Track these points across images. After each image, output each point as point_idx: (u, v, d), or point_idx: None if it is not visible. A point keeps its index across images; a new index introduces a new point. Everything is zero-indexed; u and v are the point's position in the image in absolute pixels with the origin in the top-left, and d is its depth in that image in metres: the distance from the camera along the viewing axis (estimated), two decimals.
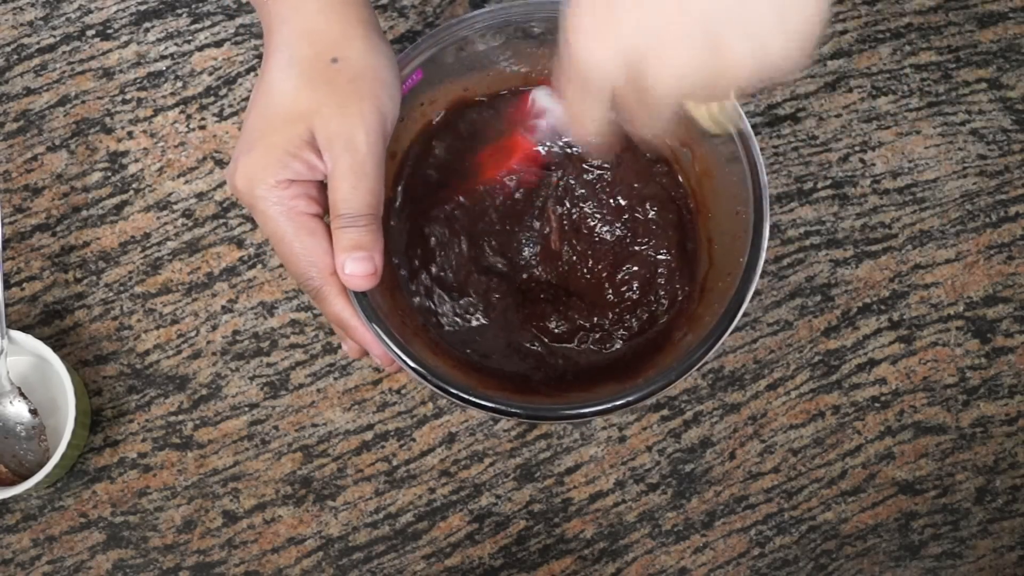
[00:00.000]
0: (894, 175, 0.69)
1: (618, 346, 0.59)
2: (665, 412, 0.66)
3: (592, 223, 0.61)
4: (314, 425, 0.66)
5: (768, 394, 0.67)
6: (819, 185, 0.69)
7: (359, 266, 0.49)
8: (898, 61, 0.71)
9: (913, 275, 0.68)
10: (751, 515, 0.66)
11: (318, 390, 0.66)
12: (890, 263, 0.68)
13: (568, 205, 0.61)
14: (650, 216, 0.60)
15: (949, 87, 0.70)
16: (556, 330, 0.59)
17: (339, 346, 0.66)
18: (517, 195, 0.61)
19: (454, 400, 0.51)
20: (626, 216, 0.60)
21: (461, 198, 0.60)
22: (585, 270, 0.61)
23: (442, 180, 0.61)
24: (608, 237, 0.61)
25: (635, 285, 0.60)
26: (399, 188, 0.60)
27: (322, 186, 0.50)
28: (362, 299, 0.51)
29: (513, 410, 0.51)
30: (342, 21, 0.50)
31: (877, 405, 0.67)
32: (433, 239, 0.60)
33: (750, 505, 0.66)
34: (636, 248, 0.60)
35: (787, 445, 0.66)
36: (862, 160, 0.69)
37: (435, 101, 0.60)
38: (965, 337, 0.68)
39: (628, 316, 0.59)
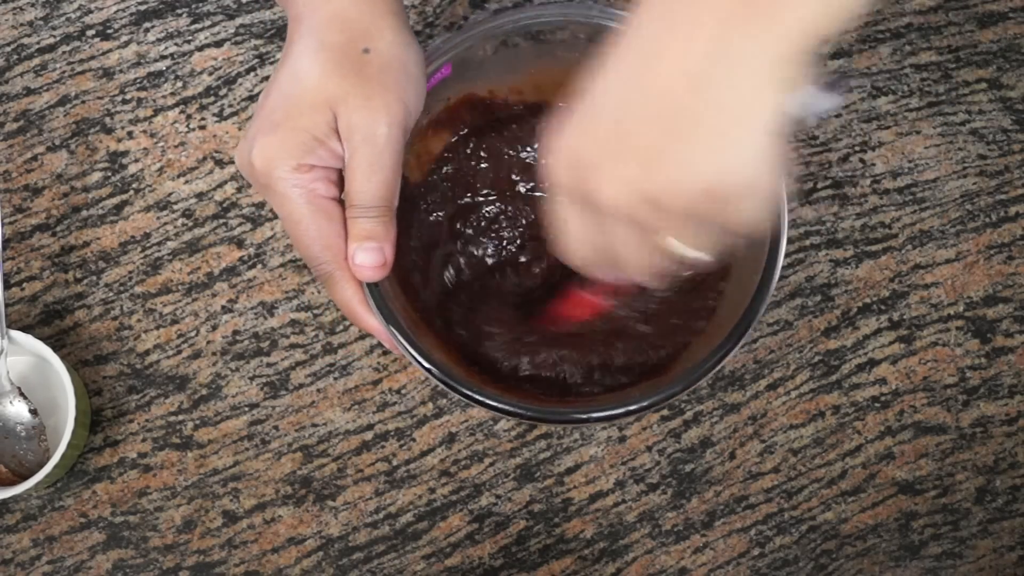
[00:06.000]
0: (894, 175, 0.69)
1: (628, 354, 0.59)
2: (665, 412, 0.66)
3: None
4: (314, 425, 0.66)
5: (768, 394, 0.67)
6: (819, 185, 0.69)
7: (369, 256, 0.49)
8: (898, 61, 0.71)
9: (913, 275, 0.68)
10: (751, 515, 0.66)
11: (318, 390, 0.66)
12: (890, 263, 0.68)
13: None
14: None
15: (949, 87, 0.70)
16: (565, 336, 0.59)
17: (339, 346, 0.66)
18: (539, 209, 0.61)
19: (462, 398, 0.51)
20: None
21: (486, 204, 0.60)
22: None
23: (466, 182, 0.61)
24: None
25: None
26: (422, 185, 0.60)
27: (340, 172, 0.50)
28: (374, 290, 0.51)
29: (521, 411, 0.51)
30: (373, 11, 0.50)
31: (877, 405, 0.67)
32: (454, 239, 0.60)
33: (750, 505, 0.66)
34: None
35: (787, 445, 0.66)
36: (862, 160, 0.69)
37: (460, 97, 0.59)
38: (965, 337, 0.68)
39: (640, 327, 0.59)
